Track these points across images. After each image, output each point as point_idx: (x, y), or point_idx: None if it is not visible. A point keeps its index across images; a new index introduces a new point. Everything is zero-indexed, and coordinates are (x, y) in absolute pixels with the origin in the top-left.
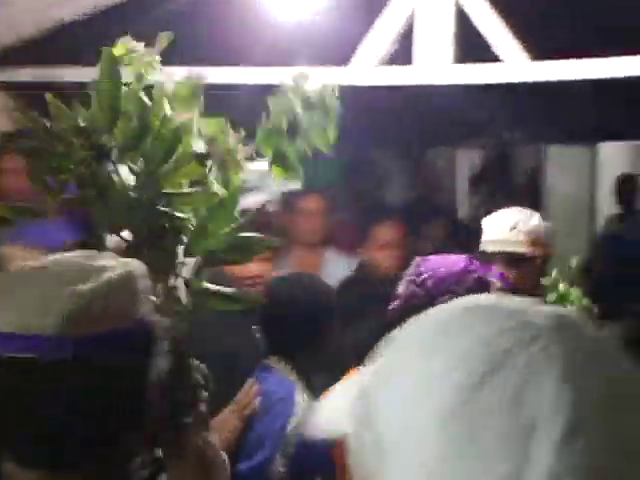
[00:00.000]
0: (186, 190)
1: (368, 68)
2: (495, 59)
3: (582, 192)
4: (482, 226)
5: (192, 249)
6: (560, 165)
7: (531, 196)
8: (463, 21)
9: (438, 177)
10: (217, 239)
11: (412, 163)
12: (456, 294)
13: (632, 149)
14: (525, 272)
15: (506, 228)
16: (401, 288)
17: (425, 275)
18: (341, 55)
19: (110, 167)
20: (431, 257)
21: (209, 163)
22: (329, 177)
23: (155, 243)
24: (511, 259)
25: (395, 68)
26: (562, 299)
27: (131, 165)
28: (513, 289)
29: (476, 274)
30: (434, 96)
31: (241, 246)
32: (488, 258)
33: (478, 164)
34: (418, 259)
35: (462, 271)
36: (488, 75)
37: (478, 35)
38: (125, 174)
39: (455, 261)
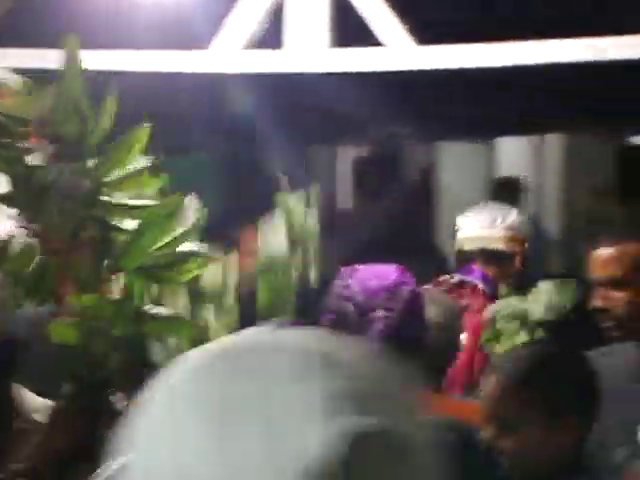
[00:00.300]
0: (128, 201)
1: (231, 52)
2: (377, 43)
3: (478, 191)
4: (457, 223)
5: (122, 263)
6: (454, 162)
7: (423, 196)
8: (340, 0)
9: (316, 176)
10: (149, 255)
11: (285, 161)
12: (389, 309)
13: (532, 145)
14: (505, 269)
15: (485, 224)
16: (329, 301)
17: (355, 289)
18: (201, 37)
19: (52, 168)
20: (359, 267)
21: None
22: (190, 176)
23: (84, 253)
24: (491, 256)
25: (263, 52)
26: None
27: (77, 167)
28: (495, 287)
29: (409, 286)
30: (308, 85)
31: (176, 262)
32: (466, 256)
33: (362, 162)
34: (346, 269)
35: (395, 284)
36: (369, 61)
37: (357, 16)
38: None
39: (386, 272)
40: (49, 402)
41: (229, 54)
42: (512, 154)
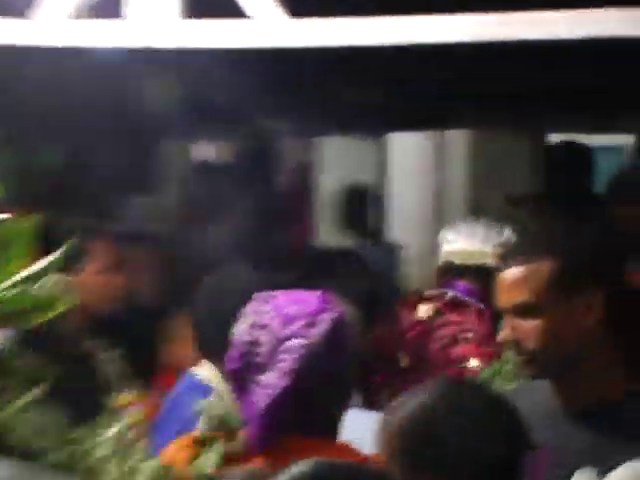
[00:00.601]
0: None
1: (57, 22)
2: (239, 14)
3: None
4: (442, 236)
5: None
6: (337, 161)
7: (299, 198)
8: None
9: (168, 177)
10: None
11: (129, 159)
12: (308, 337)
13: (432, 141)
14: (493, 286)
15: (477, 239)
16: (237, 333)
17: (270, 316)
18: (21, 5)
19: None
20: (277, 293)
21: None
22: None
23: None
24: (480, 272)
25: (98, 23)
26: None
27: None
28: (483, 304)
29: (332, 314)
30: (154, 64)
31: (33, 308)
32: (453, 271)
33: (223, 161)
34: (261, 295)
35: (317, 310)
36: (231, 36)
37: None
38: None
39: (306, 299)
40: None
41: (54, 24)
42: (407, 152)
